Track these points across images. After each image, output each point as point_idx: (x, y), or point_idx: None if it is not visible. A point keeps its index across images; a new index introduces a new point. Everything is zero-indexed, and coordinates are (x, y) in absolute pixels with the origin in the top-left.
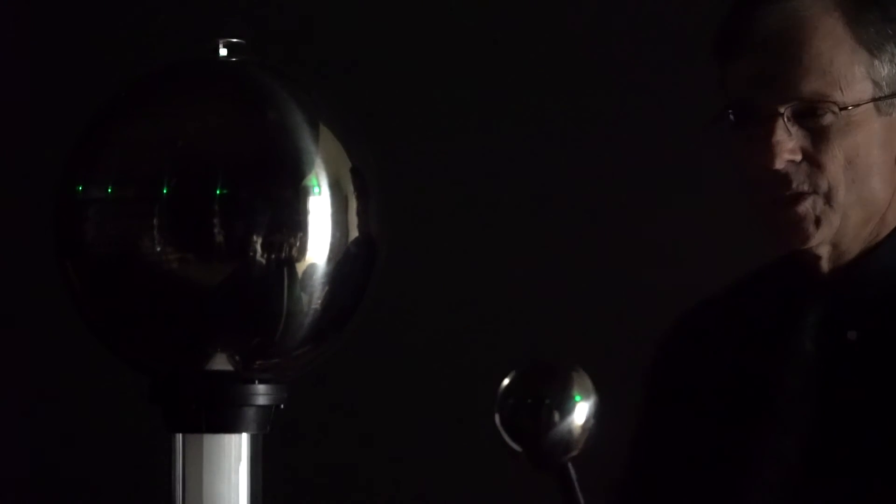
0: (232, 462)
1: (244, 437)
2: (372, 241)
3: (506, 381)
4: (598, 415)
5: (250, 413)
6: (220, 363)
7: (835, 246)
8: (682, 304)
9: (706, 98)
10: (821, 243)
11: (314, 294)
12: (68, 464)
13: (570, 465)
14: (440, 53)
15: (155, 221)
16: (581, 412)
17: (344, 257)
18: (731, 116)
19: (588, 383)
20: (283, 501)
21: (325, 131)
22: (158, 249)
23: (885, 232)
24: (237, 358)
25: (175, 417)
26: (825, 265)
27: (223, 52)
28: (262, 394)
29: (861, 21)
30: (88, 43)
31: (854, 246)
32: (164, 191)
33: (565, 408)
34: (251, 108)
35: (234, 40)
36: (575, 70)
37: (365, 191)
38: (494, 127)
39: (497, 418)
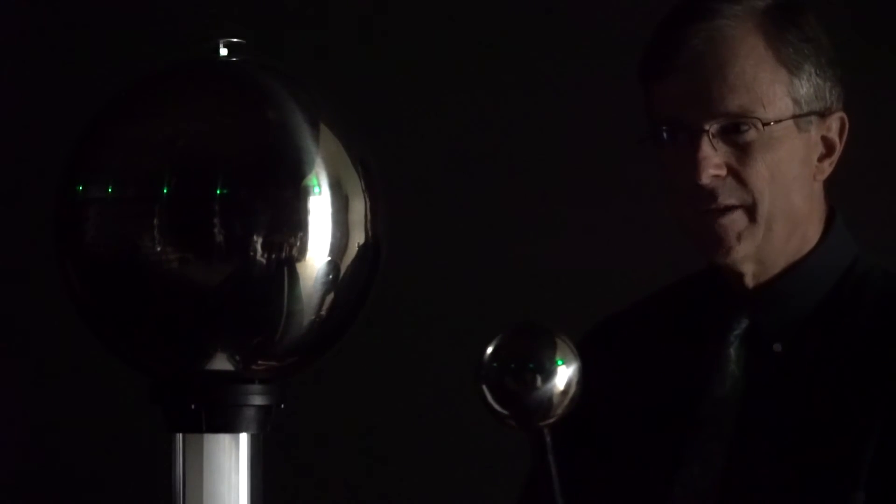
0: (232, 462)
1: (244, 437)
2: (373, 240)
3: (491, 345)
4: (581, 382)
5: (250, 413)
6: (221, 363)
7: (759, 262)
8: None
9: None
10: (744, 259)
11: (315, 294)
12: (68, 464)
13: (546, 430)
14: (440, 53)
15: (155, 221)
16: (562, 377)
17: (345, 257)
18: (661, 134)
19: (572, 350)
20: (283, 501)
21: (325, 131)
22: (158, 249)
23: (808, 247)
24: (237, 358)
25: (175, 417)
26: (749, 281)
27: (223, 51)
28: (262, 394)
29: (781, 40)
30: (88, 43)
31: (778, 262)
32: (165, 190)
33: (547, 372)
34: (251, 107)
35: (235, 40)
36: (573, 69)
37: (366, 190)
38: (495, 126)
39: (481, 381)
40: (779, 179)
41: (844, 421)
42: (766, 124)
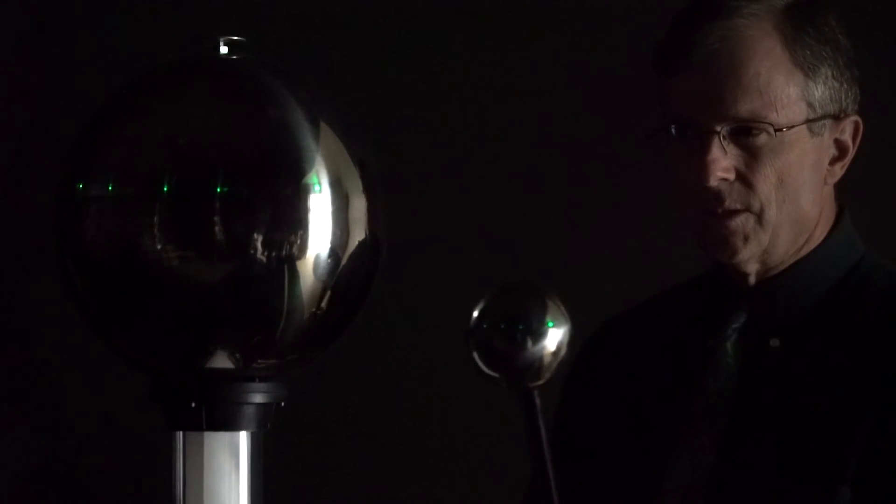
0: (232, 460)
1: (244, 435)
2: (373, 239)
3: (479, 305)
4: (571, 343)
5: (250, 411)
6: (221, 361)
7: (763, 263)
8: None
9: None
10: (749, 259)
11: (315, 292)
12: (68, 463)
13: (535, 392)
14: (440, 51)
15: (155, 219)
16: (553, 339)
17: (345, 255)
18: (672, 131)
19: (562, 310)
20: (283, 500)
21: (325, 129)
22: (159, 247)
23: (812, 246)
24: (237, 356)
25: (175, 415)
26: (752, 279)
27: (224, 49)
28: (262, 392)
29: (798, 42)
30: (89, 42)
31: (783, 261)
32: (165, 189)
33: (538, 333)
34: (252, 105)
35: (235, 38)
36: (575, 70)
37: (366, 188)
38: (496, 125)
39: (470, 341)
40: (787, 184)
41: (834, 417)
42: (778, 130)
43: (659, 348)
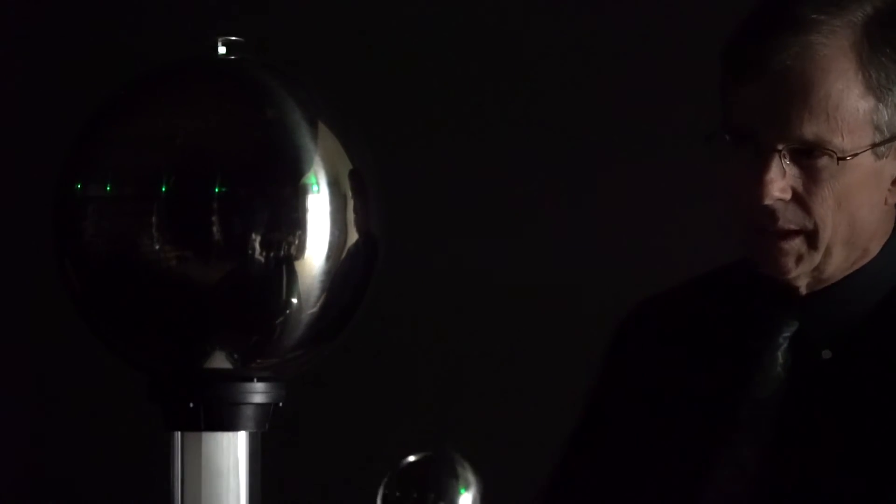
0: (230, 460)
1: (242, 436)
2: (371, 239)
3: (387, 478)
4: (484, 501)
5: (248, 411)
6: (219, 361)
7: (815, 278)
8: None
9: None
10: (800, 276)
11: (313, 292)
12: (67, 463)
13: None
14: (440, 52)
15: (154, 219)
16: (466, 503)
17: (343, 256)
18: (729, 139)
19: (470, 473)
20: (283, 501)
21: (323, 129)
22: (157, 247)
23: (867, 259)
24: (236, 356)
25: (174, 416)
26: (803, 290)
27: (222, 49)
28: (260, 392)
29: (873, 63)
30: (88, 42)
31: (835, 276)
32: (163, 189)
33: (450, 500)
34: (250, 106)
35: (233, 38)
36: (573, 71)
37: (364, 189)
38: (495, 127)
39: None
40: (844, 207)
41: (884, 434)
42: (841, 158)
43: (699, 342)
